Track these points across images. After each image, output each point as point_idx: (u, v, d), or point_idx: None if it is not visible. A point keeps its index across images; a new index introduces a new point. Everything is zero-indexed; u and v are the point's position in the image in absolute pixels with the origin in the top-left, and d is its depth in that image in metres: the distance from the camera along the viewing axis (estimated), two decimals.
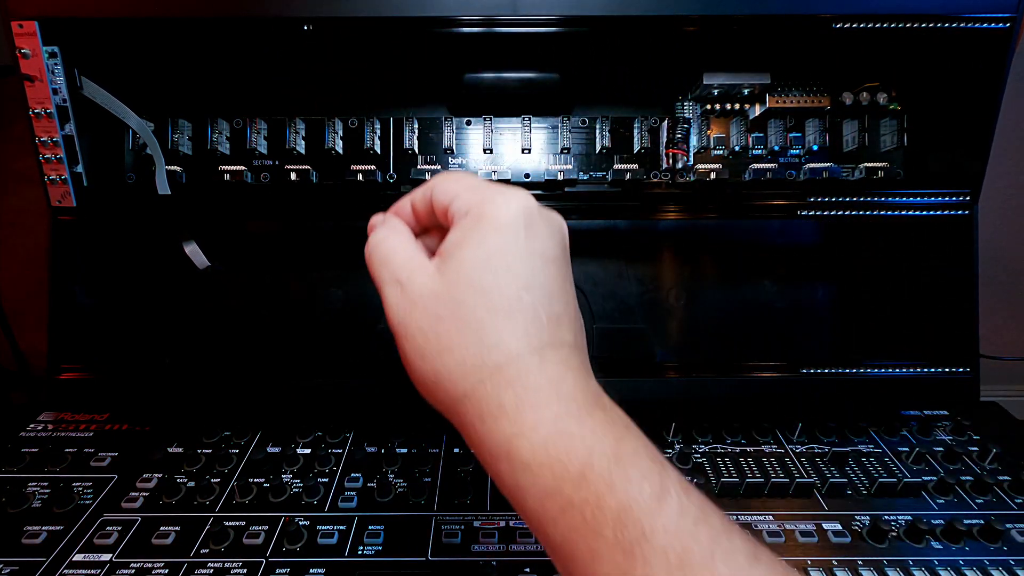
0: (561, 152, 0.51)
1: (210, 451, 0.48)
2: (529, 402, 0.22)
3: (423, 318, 0.25)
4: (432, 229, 0.30)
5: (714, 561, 0.19)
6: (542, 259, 0.25)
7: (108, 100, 0.45)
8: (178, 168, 0.50)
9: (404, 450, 0.49)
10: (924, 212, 0.50)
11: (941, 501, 0.44)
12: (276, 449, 0.49)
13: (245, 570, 0.38)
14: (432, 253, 0.29)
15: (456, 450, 0.48)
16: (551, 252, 0.26)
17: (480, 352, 0.23)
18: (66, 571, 0.38)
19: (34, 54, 0.41)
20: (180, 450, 0.49)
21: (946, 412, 0.53)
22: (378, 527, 0.41)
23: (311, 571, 0.38)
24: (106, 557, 0.39)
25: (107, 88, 0.48)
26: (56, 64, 0.42)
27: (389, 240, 0.28)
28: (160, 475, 0.46)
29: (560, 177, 0.50)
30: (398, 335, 0.26)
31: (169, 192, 0.48)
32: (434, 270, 0.26)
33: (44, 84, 0.41)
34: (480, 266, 0.24)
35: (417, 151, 0.51)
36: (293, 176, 0.49)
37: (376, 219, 0.30)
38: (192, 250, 0.49)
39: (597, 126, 0.51)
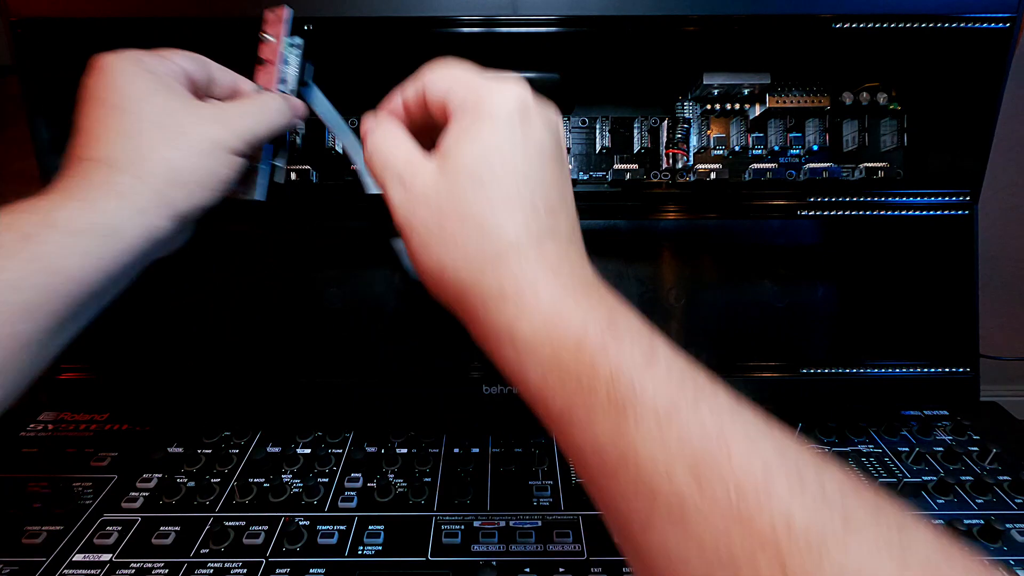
0: None
1: (210, 451, 0.48)
2: (528, 287, 0.24)
3: (426, 213, 0.26)
4: (425, 125, 0.30)
5: (699, 410, 0.20)
6: (538, 152, 0.26)
7: (328, 111, 0.42)
8: None
9: (404, 450, 0.49)
10: (924, 212, 0.50)
11: (941, 501, 0.44)
12: (276, 449, 0.49)
13: (245, 570, 0.38)
14: (427, 150, 0.29)
15: (456, 450, 0.48)
16: (547, 145, 0.26)
17: (481, 243, 0.24)
18: (66, 571, 0.38)
19: (276, 39, 0.39)
20: (180, 450, 0.49)
21: (946, 412, 0.53)
22: (378, 527, 0.41)
23: (311, 571, 0.38)
24: (106, 557, 0.39)
25: None
26: (295, 54, 0.40)
27: (387, 140, 0.28)
28: (160, 475, 0.46)
29: None
30: (404, 231, 0.27)
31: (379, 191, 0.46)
32: (435, 168, 0.26)
33: (274, 71, 0.39)
34: (479, 160, 0.25)
35: None
36: (293, 176, 0.49)
37: (369, 121, 0.30)
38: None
39: (597, 126, 0.51)
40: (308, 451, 0.49)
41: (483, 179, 0.25)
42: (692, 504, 0.18)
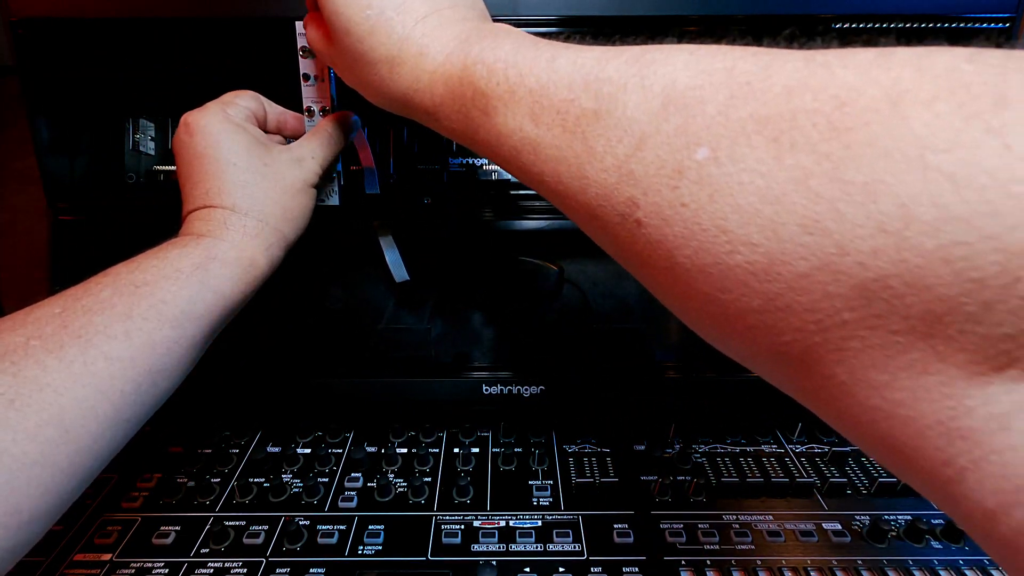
0: None
1: (210, 451, 0.49)
2: (421, 67, 0.29)
3: (352, 75, 0.33)
4: None
5: (527, 81, 0.24)
6: None
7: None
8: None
9: (404, 450, 0.49)
10: None
11: None
12: (276, 449, 0.49)
13: (245, 570, 0.38)
14: None
15: (456, 450, 0.48)
16: None
17: (376, 71, 0.30)
18: (66, 571, 0.38)
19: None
20: (180, 450, 0.49)
21: None
22: (378, 527, 0.41)
23: (311, 571, 0.38)
24: (106, 557, 0.39)
25: (106, 86, 0.48)
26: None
27: (309, 36, 0.36)
28: (160, 475, 0.46)
29: None
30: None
31: (378, 192, 0.48)
32: (330, 41, 0.33)
33: (326, 84, 0.42)
34: (335, 18, 0.30)
35: (417, 151, 0.51)
36: None
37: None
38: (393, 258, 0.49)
39: None
40: (308, 451, 0.49)
41: (345, 28, 0.30)
42: (536, 136, 0.24)
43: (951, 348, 0.14)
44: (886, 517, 0.42)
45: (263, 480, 0.45)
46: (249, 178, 0.37)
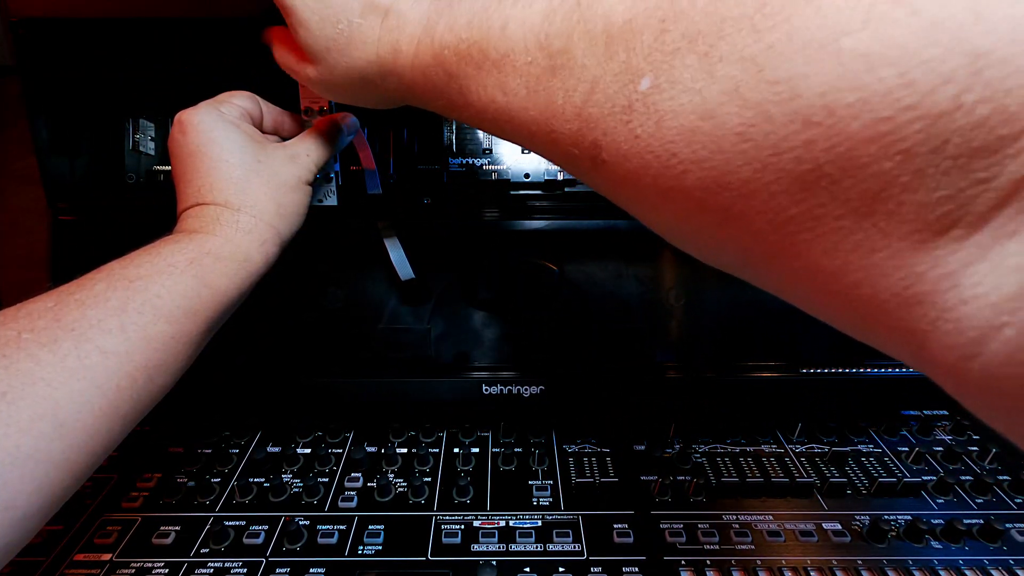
0: None
1: (210, 451, 0.49)
2: (401, 64, 0.30)
3: (341, 94, 0.34)
4: None
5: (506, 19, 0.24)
6: None
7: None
8: None
9: (404, 450, 0.49)
10: None
11: (941, 501, 0.44)
12: (276, 449, 0.49)
13: (245, 570, 0.38)
14: None
15: (456, 450, 0.48)
16: None
17: (366, 79, 0.32)
18: (66, 571, 0.38)
19: None
20: (180, 450, 0.49)
21: (946, 412, 0.54)
22: (378, 527, 0.41)
23: (311, 571, 0.38)
24: (106, 557, 0.39)
25: (106, 86, 0.48)
26: None
27: (287, 66, 0.37)
28: (160, 475, 0.46)
29: (560, 177, 0.50)
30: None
31: (380, 192, 0.48)
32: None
33: None
34: (312, 40, 0.32)
35: (417, 151, 0.51)
36: None
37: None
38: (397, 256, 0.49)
39: None
40: (308, 451, 0.49)
41: (327, 47, 0.31)
42: (507, 104, 0.25)
43: (892, 222, 0.15)
44: (886, 517, 0.42)
45: (263, 480, 0.45)
46: (242, 174, 0.37)
